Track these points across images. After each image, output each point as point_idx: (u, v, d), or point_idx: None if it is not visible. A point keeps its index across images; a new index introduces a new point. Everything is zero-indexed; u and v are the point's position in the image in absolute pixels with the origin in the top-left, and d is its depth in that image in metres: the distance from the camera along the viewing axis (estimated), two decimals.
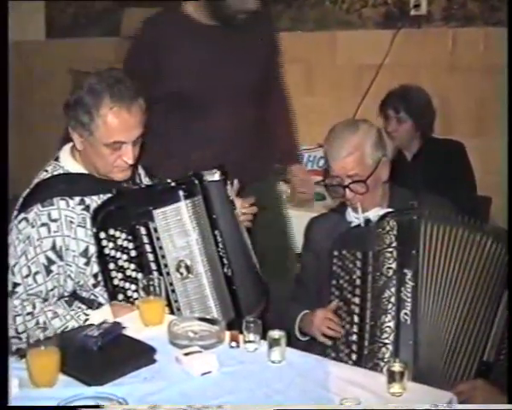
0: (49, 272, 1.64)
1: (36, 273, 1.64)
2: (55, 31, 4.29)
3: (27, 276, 1.63)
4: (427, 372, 1.55)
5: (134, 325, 1.53)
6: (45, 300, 1.65)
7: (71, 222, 1.68)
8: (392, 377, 1.29)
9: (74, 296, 1.70)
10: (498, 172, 1.72)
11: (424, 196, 1.82)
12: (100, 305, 1.69)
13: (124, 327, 1.48)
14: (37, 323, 1.60)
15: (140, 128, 1.68)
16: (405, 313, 1.62)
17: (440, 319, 1.61)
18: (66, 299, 1.69)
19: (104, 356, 1.38)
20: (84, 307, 1.67)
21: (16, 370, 1.30)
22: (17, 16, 1.63)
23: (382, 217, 1.71)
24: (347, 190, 1.77)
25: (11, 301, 1.60)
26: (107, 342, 1.41)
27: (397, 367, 1.29)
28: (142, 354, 1.40)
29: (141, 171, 1.89)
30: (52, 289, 1.65)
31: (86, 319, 1.62)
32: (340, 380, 1.34)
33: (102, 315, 1.61)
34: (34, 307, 1.62)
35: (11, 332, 1.58)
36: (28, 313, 1.61)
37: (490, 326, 1.60)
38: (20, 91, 3.83)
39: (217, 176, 1.80)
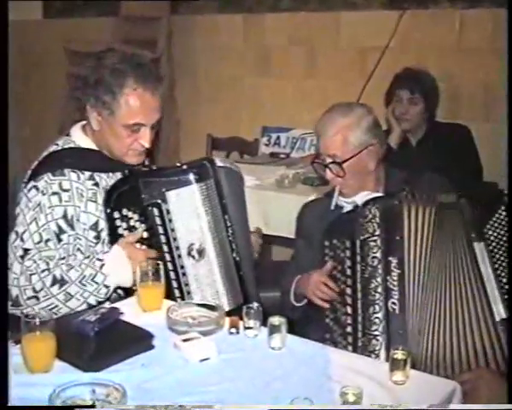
0: (59, 240, 1.63)
1: (47, 240, 1.63)
2: (52, 10, 4.25)
3: (39, 242, 1.62)
4: (421, 363, 1.51)
5: (132, 311, 1.52)
6: None
7: (81, 195, 1.67)
8: (394, 365, 1.27)
9: None
10: (506, 158, 1.68)
11: (419, 177, 1.79)
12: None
13: (121, 312, 1.46)
14: (54, 278, 1.58)
15: (160, 113, 1.68)
16: (393, 303, 1.59)
17: (430, 306, 1.58)
18: None
19: (101, 342, 1.36)
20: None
21: (11, 355, 1.27)
22: None
23: (364, 204, 1.68)
24: (327, 170, 1.77)
25: (23, 262, 1.58)
26: (104, 327, 1.39)
27: (399, 355, 1.27)
28: (139, 339, 1.39)
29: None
30: (63, 258, 1.64)
31: (102, 265, 1.60)
32: (342, 368, 1.32)
33: (116, 259, 1.61)
34: (48, 264, 1.60)
35: (28, 293, 1.57)
36: (43, 270, 1.59)
37: (489, 311, 1.57)
38: (16, 71, 3.79)
39: (229, 162, 1.80)
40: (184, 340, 1.37)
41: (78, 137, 1.74)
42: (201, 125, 3.75)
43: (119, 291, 1.67)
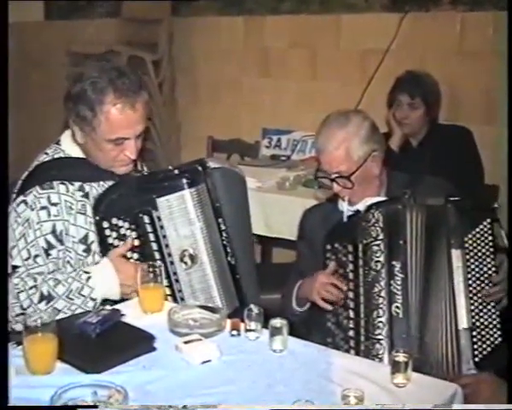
0: (48, 255, 1.62)
1: (36, 256, 1.61)
2: (54, 12, 4.26)
3: (28, 258, 1.61)
4: (424, 366, 1.51)
5: (133, 313, 1.52)
6: None
7: (70, 208, 1.65)
8: (395, 368, 1.27)
9: None
10: (507, 161, 1.69)
11: (421, 181, 1.78)
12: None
13: (123, 314, 1.47)
14: (42, 294, 1.57)
15: (143, 123, 1.65)
16: (397, 307, 1.60)
17: (433, 309, 1.59)
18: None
19: (102, 343, 1.36)
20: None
21: (13, 357, 1.28)
22: None
23: (367, 209, 1.68)
24: (334, 183, 1.75)
25: (11, 280, 1.57)
26: (106, 329, 1.39)
27: (401, 358, 1.27)
28: (141, 341, 1.39)
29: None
30: (53, 272, 1.62)
31: (88, 277, 1.60)
32: (343, 370, 1.32)
33: (103, 271, 1.60)
34: (36, 281, 1.59)
35: (17, 310, 1.56)
36: (31, 287, 1.58)
37: (454, 319, 1.59)
38: (19, 73, 3.79)
39: (223, 162, 1.79)
40: (186, 342, 1.37)
41: (68, 146, 1.71)
42: (202, 127, 3.75)
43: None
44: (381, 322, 1.60)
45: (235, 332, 1.44)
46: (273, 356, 1.37)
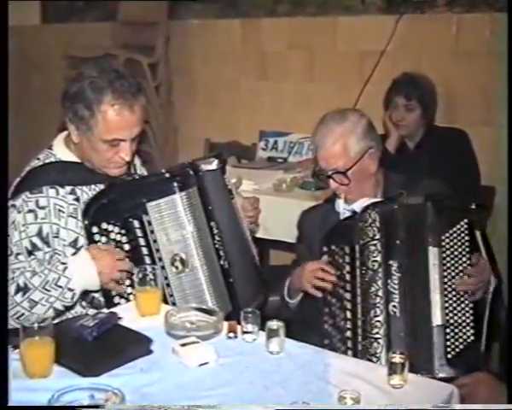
0: (31, 255, 1.61)
1: (18, 254, 1.61)
2: (50, 15, 4.26)
3: (9, 255, 1.60)
4: (420, 364, 1.52)
5: (130, 316, 1.52)
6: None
7: (60, 211, 1.65)
8: (392, 369, 1.27)
9: None
10: (504, 162, 1.69)
11: (418, 182, 1.79)
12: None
13: (119, 317, 1.47)
14: (18, 286, 1.57)
15: (140, 126, 1.65)
16: (394, 306, 1.61)
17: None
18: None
19: (99, 347, 1.36)
20: (59, 257, 1.63)
21: (10, 360, 1.27)
22: (12, 0, 1.59)
23: (364, 209, 1.68)
24: (331, 179, 1.76)
25: None
26: (103, 332, 1.39)
27: (397, 359, 1.27)
28: (138, 344, 1.39)
29: (136, 161, 1.86)
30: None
31: (65, 268, 1.59)
32: (340, 372, 1.32)
33: (80, 260, 1.59)
34: (14, 273, 1.58)
35: None
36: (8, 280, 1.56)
37: (428, 316, 1.59)
38: (16, 76, 3.79)
39: (214, 165, 1.77)
40: (183, 345, 1.37)
41: (60, 150, 1.72)
42: (199, 129, 3.76)
43: (98, 296, 1.66)
44: (378, 321, 1.61)
45: (231, 335, 1.44)
46: (270, 358, 1.37)
